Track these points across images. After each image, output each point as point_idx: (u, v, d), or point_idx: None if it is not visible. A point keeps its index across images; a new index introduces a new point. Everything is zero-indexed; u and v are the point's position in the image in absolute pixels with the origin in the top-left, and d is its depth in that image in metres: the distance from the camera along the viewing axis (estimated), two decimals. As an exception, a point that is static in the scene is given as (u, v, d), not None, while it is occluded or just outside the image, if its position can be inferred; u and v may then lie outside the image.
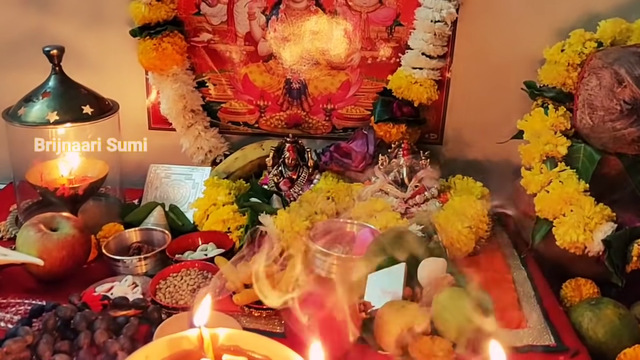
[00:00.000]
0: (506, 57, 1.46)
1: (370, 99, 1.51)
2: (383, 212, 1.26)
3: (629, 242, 1.17)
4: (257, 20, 1.47)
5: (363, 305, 0.99)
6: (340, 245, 1.24)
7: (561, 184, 1.21)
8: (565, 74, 1.29)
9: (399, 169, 1.36)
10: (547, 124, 1.27)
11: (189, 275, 1.12)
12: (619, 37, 1.31)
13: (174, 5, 1.44)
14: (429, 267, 1.13)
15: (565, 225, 1.18)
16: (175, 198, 1.42)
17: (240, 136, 1.59)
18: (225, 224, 1.25)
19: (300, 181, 1.39)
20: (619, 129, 1.16)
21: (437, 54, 1.42)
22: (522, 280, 1.22)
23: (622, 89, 1.15)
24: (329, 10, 1.45)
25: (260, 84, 1.52)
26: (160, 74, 1.46)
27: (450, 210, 1.27)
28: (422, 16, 1.40)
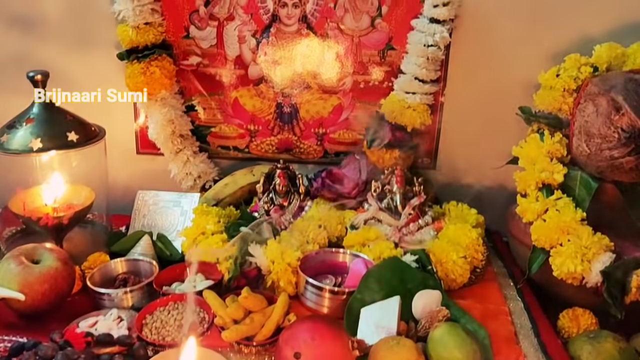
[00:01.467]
0: (500, 81, 1.44)
1: (362, 123, 1.48)
2: (376, 241, 1.24)
3: (628, 273, 1.14)
4: (247, 44, 1.44)
5: (356, 343, 0.96)
6: (332, 276, 1.21)
7: (558, 213, 1.18)
8: (561, 100, 1.27)
9: (393, 195, 1.33)
10: (543, 151, 1.24)
11: (177, 310, 1.08)
12: (615, 62, 1.29)
13: (162, 28, 1.41)
14: (423, 300, 1.10)
15: (563, 255, 1.16)
16: (163, 225, 1.38)
17: (230, 161, 1.56)
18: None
19: (291, 208, 1.35)
20: (617, 157, 1.14)
21: (430, 78, 1.39)
22: (518, 312, 1.19)
23: (619, 117, 1.13)
24: (321, 34, 1.42)
25: (250, 108, 1.50)
26: (148, 98, 1.43)
27: (445, 239, 1.24)
28: (414, 40, 1.38)
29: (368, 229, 1.27)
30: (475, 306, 1.17)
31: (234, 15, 1.43)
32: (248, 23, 1.43)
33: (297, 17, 1.42)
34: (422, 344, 1.01)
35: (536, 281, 1.28)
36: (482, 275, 1.28)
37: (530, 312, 1.19)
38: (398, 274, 1.14)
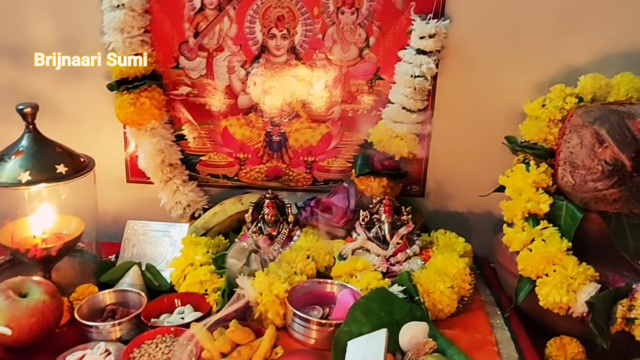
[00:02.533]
0: (487, 110, 1.46)
1: (351, 151, 1.50)
2: (364, 272, 1.24)
3: (613, 303, 1.15)
4: (236, 74, 1.46)
5: (343, 378, 0.96)
6: (320, 307, 1.21)
7: (544, 243, 1.20)
8: (547, 130, 1.29)
9: (381, 225, 1.34)
10: (529, 181, 1.26)
11: (165, 342, 1.08)
12: (599, 93, 1.31)
13: (152, 59, 1.43)
14: (410, 332, 1.11)
15: (548, 285, 1.17)
16: (152, 255, 1.38)
17: (220, 189, 1.57)
18: (202, 285, 1.22)
19: (280, 238, 1.36)
20: (601, 189, 1.15)
21: (417, 108, 1.41)
22: (505, 342, 1.19)
23: (603, 150, 1.14)
24: (309, 65, 1.44)
25: (240, 136, 1.51)
26: (138, 128, 1.44)
27: (432, 269, 1.25)
28: (402, 71, 1.40)
29: (356, 259, 1.28)
30: (462, 336, 1.17)
31: (223, 46, 1.44)
32: (237, 54, 1.45)
33: (285, 48, 1.43)
34: (409, 377, 1.02)
35: (524, 310, 1.29)
36: (469, 304, 1.29)
37: (517, 342, 1.20)
38: (385, 305, 1.14)
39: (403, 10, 1.39)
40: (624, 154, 1.11)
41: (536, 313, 1.24)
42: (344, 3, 1.39)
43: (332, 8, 1.40)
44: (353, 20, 1.40)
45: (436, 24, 1.35)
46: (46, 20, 1.45)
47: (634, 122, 1.13)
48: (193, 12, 1.42)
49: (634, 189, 1.13)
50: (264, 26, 1.42)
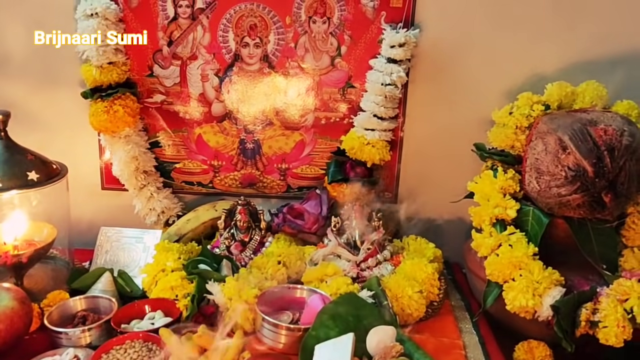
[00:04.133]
0: (457, 118, 1.48)
1: (324, 158, 1.52)
2: (334, 277, 1.26)
3: (578, 307, 1.17)
4: (210, 82, 1.47)
5: (308, 381, 0.97)
6: (290, 312, 1.22)
7: (510, 248, 1.22)
8: (514, 137, 1.31)
9: (352, 231, 1.36)
10: (496, 187, 1.28)
11: (133, 348, 1.08)
12: (565, 101, 1.33)
13: (126, 67, 1.44)
14: (378, 336, 1.12)
15: (515, 290, 1.19)
16: (125, 262, 1.39)
17: (195, 196, 1.58)
18: (173, 291, 1.23)
19: (252, 244, 1.37)
20: (564, 194, 1.17)
21: (388, 115, 1.43)
22: (473, 346, 1.21)
23: (566, 156, 1.16)
24: (282, 73, 1.46)
25: (214, 144, 1.52)
26: (112, 135, 1.45)
27: (401, 274, 1.27)
28: (373, 79, 1.42)
29: (326, 265, 1.29)
30: (430, 340, 1.19)
31: (196, 55, 1.46)
32: (211, 62, 1.46)
33: (258, 57, 1.45)
34: (374, 381, 1.03)
35: (493, 314, 1.31)
36: (439, 309, 1.31)
37: (485, 346, 1.22)
38: (353, 310, 1.15)
39: (374, 19, 1.41)
40: (585, 160, 1.13)
41: (505, 317, 1.26)
42: (315, 12, 1.41)
43: (304, 17, 1.42)
44: (325, 30, 1.42)
45: (406, 33, 1.38)
46: (20, 29, 1.45)
47: (596, 129, 1.16)
48: (167, 21, 1.43)
49: (596, 195, 1.15)
50: (237, 35, 1.44)
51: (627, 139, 1.14)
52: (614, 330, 1.12)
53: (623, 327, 1.12)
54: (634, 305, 1.13)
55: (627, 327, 1.13)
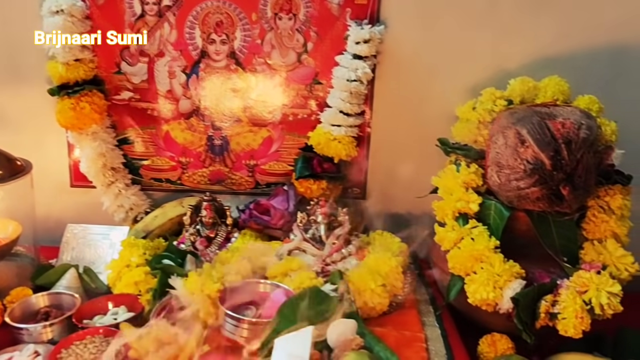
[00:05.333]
0: (424, 113, 1.49)
1: (292, 154, 1.53)
2: (298, 272, 1.26)
3: (538, 299, 1.18)
4: (177, 79, 1.48)
5: (264, 373, 0.98)
6: (253, 307, 1.23)
7: (472, 241, 1.23)
8: (476, 132, 1.32)
9: (317, 226, 1.37)
10: (459, 181, 1.29)
11: (93, 343, 1.09)
12: (527, 95, 1.35)
13: (93, 64, 1.44)
14: (338, 330, 1.12)
15: (476, 282, 1.20)
16: (92, 258, 1.40)
17: (164, 193, 1.58)
18: (137, 286, 1.23)
19: (217, 240, 1.38)
20: (523, 187, 1.18)
21: (354, 111, 1.44)
22: (435, 339, 1.22)
23: (524, 149, 1.18)
24: (249, 69, 1.47)
25: (182, 140, 1.53)
26: (79, 132, 1.45)
27: (365, 268, 1.28)
28: (339, 75, 1.43)
29: (291, 260, 1.30)
30: (392, 334, 1.20)
31: (163, 52, 1.46)
32: (178, 59, 1.47)
33: (225, 53, 1.46)
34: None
35: (457, 308, 1.32)
36: (403, 303, 1.31)
37: (447, 339, 1.23)
38: (315, 303, 1.16)
39: (339, 16, 1.42)
40: (543, 153, 1.15)
41: (469, 311, 1.27)
42: (281, 9, 1.42)
43: (270, 14, 1.43)
44: (291, 26, 1.43)
45: (371, 30, 1.39)
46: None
47: (554, 123, 1.17)
48: (134, 19, 1.44)
49: (554, 188, 1.16)
50: (204, 32, 1.44)
51: (584, 132, 1.16)
52: (572, 321, 1.14)
53: (581, 318, 1.14)
54: (592, 297, 1.15)
55: (586, 318, 1.14)
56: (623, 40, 1.45)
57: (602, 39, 1.45)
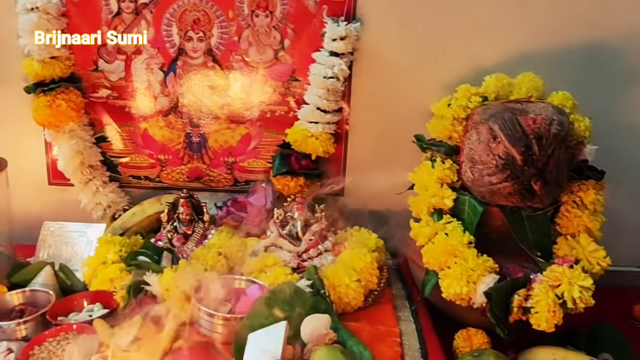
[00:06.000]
0: (401, 110, 1.50)
1: (271, 151, 1.53)
2: (274, 268, 1.27)
3: (511, 293, 1.19)
4: (155, 76, 1.48)
5: (235, 368, 0.98)
6: (229, 303, 1.23)
7: (446, 236, 1.24)
8: (451, 128, 1.33)
9: (294, 222, 1.37)
10: (434, 177, 1.30)
11: (67, 339, 1.09)
12: (502, 92, 1.36)
13: (70, 62, 1.44)
14: (312, 324, 1.13)
15: (450, 277, 1.21)
16: (68, 256, 1.40)
17: (142, 190, 1.58)
18: (112, 283, 1.24)
19: (194, 237, 1.38)
20: (495, 183, 1.19)
21: (331, 108, 1.45)
22: (410, 333, 1.23)
23: (496, 145, 1.19)
24: (226, 66, 1.47)
25: (160, 138, 1.53)
26: (55, 130, 1.45)
27: (340, 264, 1.28)
28: (315, 72, 1.43)
29: (267, 256, 1.30)
30: (366, 328, 1.21)
31: (141, 49, 1.47)
32: (155, 56, 1.47)
33: (202, 51, 1.46)
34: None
35: (433, 303, 1.33)
36: (379, 298, 1.32)
37: (422, 334, 1.24)
38: (289, 299, 1.16)
39: (316, 13, 1.43)
40: (514, 148, 1.16)
41: (446, 306, 1.28)
42: (258, 6, 1.43)
43: (247, 11, 1.43)
44: (267, 23, 1.44)
45: (347, 27, 1.40)
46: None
47: (525, 119, 1.18)
48: (110, 16, 1.44)
49: (525, 183, 1.17)
50: (181, 29, 1.45)
51: (555, 128, 1.17)
52: (545, 315, 1.15)
53: (554, 312, 1.15)
54: (565, 291, 1.16)
55: (558, 312, 1.15)
56: (598, 37, 1.46)
57: (577, 36, 1.47)
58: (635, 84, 1.49)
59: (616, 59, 1.47)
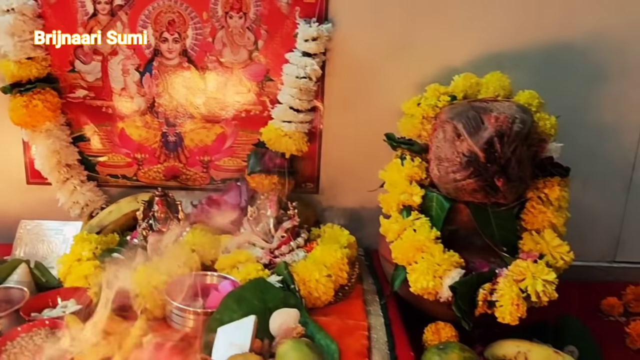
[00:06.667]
0: (373, 109, 1.53)
1: (246, 150, 1.55)
2: (246, 264, 1.29)
3: (477, 288, 1.22)
4: (131, 77, 1.50)
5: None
6: (201, 298, 1.26)
7: (414, 232, 1.27)
8: (420, 127, 1.36)
9: (267, 220, 1.40)
10: (403, 175, 1.33)
11: (39, 335, 1.11)
12: (470, 91, 1.39)
13: (46, 62, 1.46)
14: (281, 318, 1.16)
15: (417, 272, 1.24)
16: (44, 254, 1.42)
17: (120, 189, 1.60)
18: (87, 279, 1.26)
19: (169, 234, 1.40)
20: (459, 179, 1.22)
21: (304, 107, 1.47)
22: (378, 327, 1.26)
23: (460, 142, 1.22)
24: (201, 67, 1.49)
25: (137, 137, 1.55)
26: (32, 130, 1.47)
27: (311, 260, 1.31)
28: (288, 72, 1.46)
29: (239, 252, 1.33)
30: (335, 322, 1.23)
31: (117, 50, 1.49)
32: (131, 57, 1.49)
33: (177, 52, 1.48)
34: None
35: (404, 298, 1.36)
36: (350, 293, 1.35)
37: (390, 327, 1.27)
38: (259, 293, 1.19)
39: (288, 14, 1.45)
40: (477, 146, 1.19)
41: (416, 301, 1.31)
42: (231, 8, 1.45)
43: (221, 13, 1.45)
44: (241, 24, 1.46)
45: (318, 28, 1.42)
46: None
47: (488, 117, 1.21)
48: (86, 17, 1.46)
49: (489, 179, 1.20)
50: (156, 30, 1.47)
51: (518, 126, 1.20)
52: (509, 308, 1.18)
53: (517, 305, 1.18)
54: (529, 285, 1.19)
55: (522, 305, 1.18)
56: (565, 37, 1.49)
57: (546, 36, 1.50)
58: (602, 82, 1.52)
59: (583, 58, 1.51)
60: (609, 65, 1.51)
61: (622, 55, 1.51)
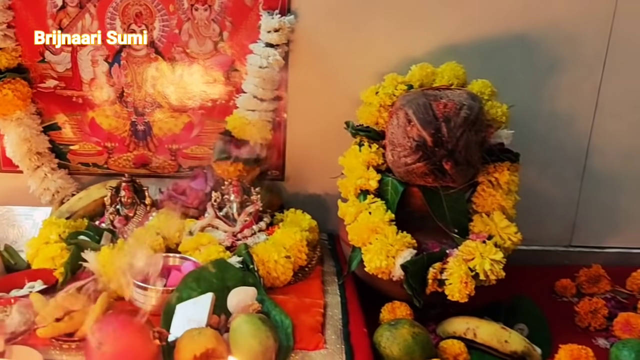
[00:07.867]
0: (335, 98, 1.57)
1: (213, 139, 1.60)
2: (208, 246, 1.35)
3: (427, 267, 1.28)
4: (100, 67, 1.55)
5: (157, 333, 1.06)
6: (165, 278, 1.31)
7: (369, 215, 1.32)
8: (377, 114, 1.41)
9: (230, 204, 1.45)
10: (360, 160, 1.38)
11: (5, 312, 1.16)
12: (426, 80, 1.44)
13: (16, 53, 1.51)
14: (238, 296, 1.21)
15: (371, 252, 1.30)
16: (15, 238, 1.47)
17: (91, 177, 1.65)
18: (53, 261, 1.30)
19: (136, 219, 1.45)
20: (410, 163, 1.28)
21: (267, 97, 1.53)
22: (334, 305, 1.31)
23: (410, 128, 1.27)
24: (168, 58, 1.54)
25: (106, 126, 1.60)
26: (3, 118, 1.51)
27: (271, 242, 1.37)
28: (252, 62, 1.51)
29: (202, 235, 1.38)
30: (293, 301, 1.29)
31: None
32: (100, 48, 1.54)
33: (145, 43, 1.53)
34: (227, 334, 1.12)
35: (362, 279, 1.42)
36: (309, 274, 1.41)
37: (346, 305, 1.32)
38: (219, 273, 1.25)
39: (252, 6, 1.50)
40: (425, 131, 1.24)
41: (373, 281, 1.37)
42: (197, 0, 1.50)
43: (187, 5, 1.50)
44: (207, 16, 1.51)
45: (280, 19, 1.47)
46: None
47: (437, 104, 1.27)
48: (55, 9, 1.50)
49: (437, 163, 1.26)
50: (124, 22, 1.52)
51: (465, 112, 1.25)
52: (457, 286, 1.24)
53: (465, 283, 1.24)
54: (477, 264, 1.25)
55: (470, 284, 1.24)
56: (520, 28, 1.55)
57: (502, 27, 1.55)
58: (555, 73, 1.58)
59: (537, 49, 1.56)
60: (562, 56, 1.57)
61: (574, 46, 1.56)
